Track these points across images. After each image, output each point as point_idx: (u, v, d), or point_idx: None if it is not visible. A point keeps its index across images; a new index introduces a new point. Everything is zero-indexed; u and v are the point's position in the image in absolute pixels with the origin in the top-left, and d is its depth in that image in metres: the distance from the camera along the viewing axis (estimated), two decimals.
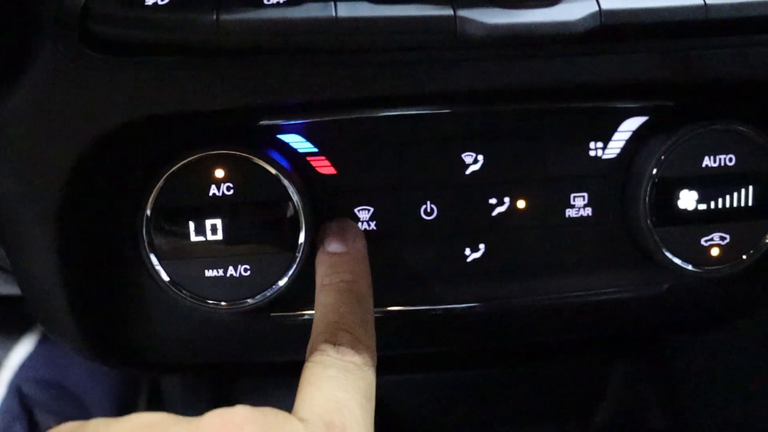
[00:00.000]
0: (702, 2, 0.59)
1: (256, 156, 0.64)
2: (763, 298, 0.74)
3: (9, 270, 0.71)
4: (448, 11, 0.57)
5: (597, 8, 0.58)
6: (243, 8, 0.57)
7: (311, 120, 0.66)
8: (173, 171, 0.64)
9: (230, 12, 0.57)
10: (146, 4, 0.57)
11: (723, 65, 0.62)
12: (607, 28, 0.58)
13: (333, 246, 0.64)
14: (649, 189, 0.68)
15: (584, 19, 0.58)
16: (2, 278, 0.83)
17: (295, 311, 0.69)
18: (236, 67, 0.58)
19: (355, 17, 0.57)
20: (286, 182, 0.64)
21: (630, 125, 0.69)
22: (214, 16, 0.57)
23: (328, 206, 0.68)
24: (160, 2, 0.57)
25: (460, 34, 0.57)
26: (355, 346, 0.55)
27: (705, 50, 0.62)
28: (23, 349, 1.20)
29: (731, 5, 0.59)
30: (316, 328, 0.57)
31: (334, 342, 0.55)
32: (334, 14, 0.56)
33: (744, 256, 0.69)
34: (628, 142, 0.69)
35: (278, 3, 0.57)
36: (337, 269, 0.62)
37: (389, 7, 0.57)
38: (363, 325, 0.58)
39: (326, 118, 0.66)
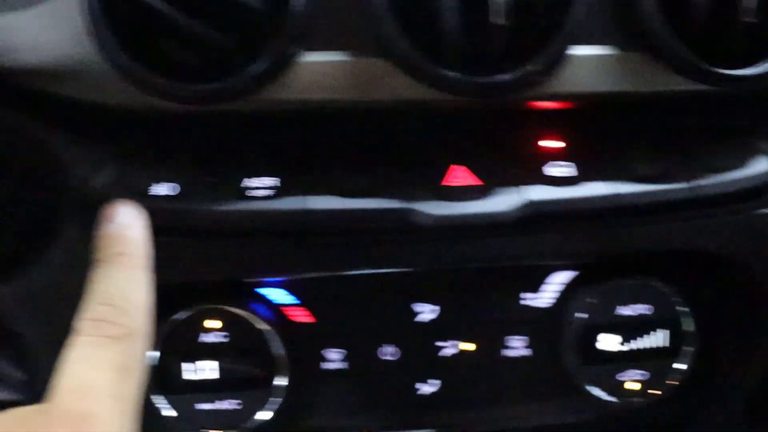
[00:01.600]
0: (612, 192, 0.72)
1: (243, 310, 0.77)
2: (675, 424, 0.87)
3: None
4: (401, 204, 0.70)
5: (525, 199, 0.71)
6: (237, 201, 0.70)
7: (293, 277, 0.79)
8: (175, 321, 0.77)
9: (223, 203, 0.69)
10: (150, 194, 0.70)
11: (631, 240, 0.75)
12: (534, 216, 0.71)
13: (105, 224, 0.62)
14: (575, 333, 0.80)
15: (514, 209, 0.71)
16: None
17: None
18: (226, 246, 0.71)
19: (324, 209, 0.70)
20: (266, 332, 0.77)
21: (561, 278, 0.82)
22: (212, 207, 0.69)
23: (307, 349, 0.80)
24: (164, 192, 0.70)
25: (411, 223, 0.70)
26: (115, 318, 0.53)
27: (616, 230, 0.75)
28: None
29: (638, 194, 0.72)
30: (82, 306, 0.55)
31: (92, 318, 0.53)
32: (305, 206, 0.69)
33: (657, 391, 0.82)
34: (561, 292, 0.82)
35: (261, 196, 0.70)
36: (105, 242, 0.60)
37: (354, 200, 0.70)
38: (128, 295, 0.56)
39: (306, 276, 0.79)
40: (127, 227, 0.61)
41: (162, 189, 0.69)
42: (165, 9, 0.61)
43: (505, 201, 0.71)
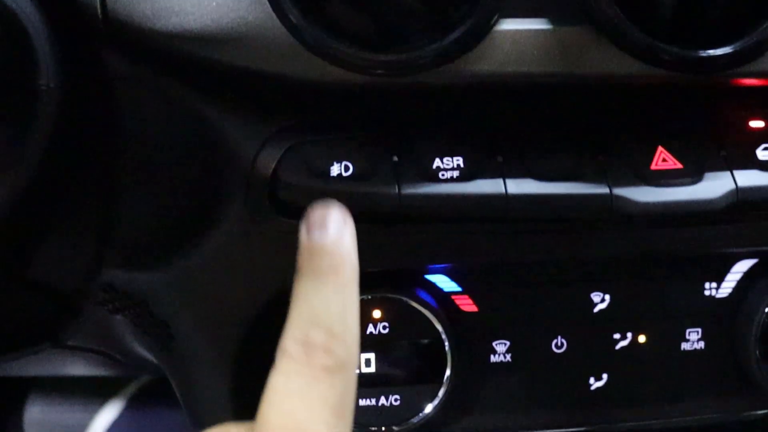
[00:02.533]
0: None
1: (408, 297, 0.71)
2: None
3: (97, 351, 0.77)
4: (605, 189, 0.63)
5: (734, 186, 0.64)
6: (422, 182, 0.63)
7: (456, 262, 0.72)
8: None
9: (411, 186, 0.63)
10: (331, 175, 0.63)
11: None
12: (743, 204, 0.65)
13: (315, 231, 0.54)
14: (758, 326, 0.74)
15: (723, 197, 0.65)
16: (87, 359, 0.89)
17: None
18: (413, 232, 0.65)
19: (523, 194, 0.63)
20: (434, 321, 0.71)
21: (741, 267, 0.76)
22: (396, 189, 0.63)
23: (470, 340, 0.74)
24: (344, 173, 0.63)
25: (615, 211, 0.63)
26: (329, 345, 0.48)
27: None
28: (108, 414, 1.25)
29: None
30: (287, 325, 0.50)
31: (304, 341, 0.48)
32: (504, 191, 0.63)
33: None
34: (739, 282, 0.76)
35: (452, 178, 0.63)
36: (317, 254, 0.52)
37: (553, 185, 0.64)
38: (341, 319, 0.49)
39: (471, 262, 0.72)
40: (341, 237, 0.53)
41: (342, 169, 0.62)
42: None
43: (713, 187, 0.65)
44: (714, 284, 0.76)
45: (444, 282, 0.73)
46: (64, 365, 0.90)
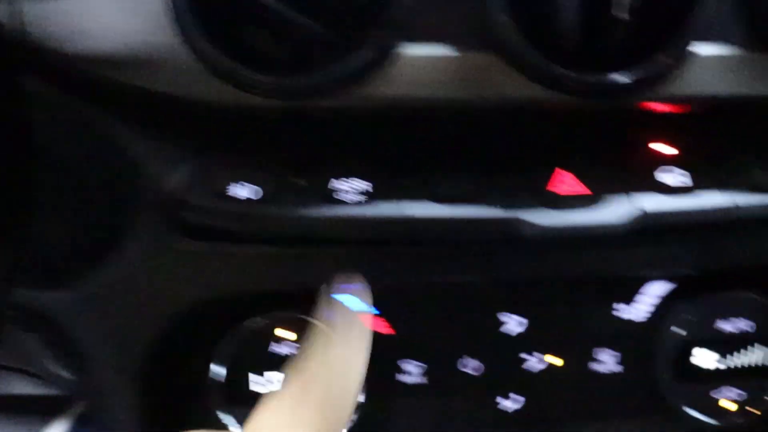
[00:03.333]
0: (732, 204, 0.66)
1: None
2: None
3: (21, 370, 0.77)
4: (506, 213, 0.64)
5: (638, 210, 0.65)
6: (325, 205, 0.63)
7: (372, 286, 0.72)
8: (240, 331, 0.71)
9: (315, 208, 0.63)
10: (236, 197, 0.64)
11: (744, 253, 0.69)
12: (647, 228, 0.65)
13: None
14: (671, 349, 0.75)
15: (626, 221, 0.65)
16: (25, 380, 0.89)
17: None
18: (314, 254, 0.65)
19: (423, 217, 0.64)
20: None
21: (657, 290, 0.76)
22: (298, 213, 0.63)
23: (383, 361, 0.74)
24: (250, 196, 0.64)
25: (516, 234, 0.64)
26: (328, 400, 0.54)
27: (730, 242, 0.69)
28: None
29: (757, 206, 0.66)
30: (299, 365, 0.56)
31: (304, 383, 0.54)
32: (406, 214, 0.63)
33: (759, 412, 0.76)
34: (656, 306, 0.76)
35: (356, 201, 0.64)
36: (349, 323, 0.60)
37: (455, 207, 0.64)
38: (349, 387, 0.57)
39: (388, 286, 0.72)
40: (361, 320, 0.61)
41: (242, 191, 0.62)
42: None
43: (616, 211, 0.65)
44: (629, 307, 0.76)
45: (357, 304, 0.73)
46: (5, 384, 0.91)
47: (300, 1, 0.56)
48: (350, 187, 0.64)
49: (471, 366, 0.75)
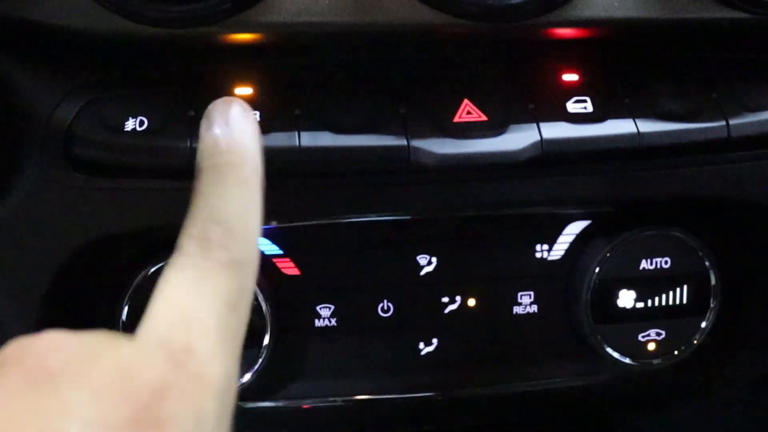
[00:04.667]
0: (636, 131, 0.64)
1: None
2: (693, 389, 0.80)
3: None
4: (402, 141, 0.62)
5: (539, 138, 0.63)
6: None
7: (277, 225, 0.70)
8: (146, 276, 0.69)
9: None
10: (125, 130, 0.62)
11: (654, 186, 0.68)
12: (548, 156, 0.63)
13: (216, 126, 0.51)
14: (590, 289, 0.73)
15: (526, 148, 0.63)
16: None
17: (264, 401, 0.73)
18: None
19: (316, 146, 0.62)
20: None
21: (573, 229, 0.74)
22: (188, 143, 0.61)
23: (292, 304, 0.72)
24: (138, 128, 0.62)
25: (413, 162, 0.62)
26: (226, 241, 0.45)
27: (638, 173, 0.67)
28: None
29: (661, 133, 0.65)
30: (186, 223, 0.47)
31: (201, 237, 0.45)
32: (297, 143, 0.61)
33: (676, 351, 0.75)
34: (572, 244, 0.74)
35: None
36: (218, 149, 0.50)
37: (348, 137, 0.62)
38: (241, 215, 0.47)
39: (291, 224, 0.70)
40: (242, 133, 0.50)
41: (137, 124, 0.60)
42: None
43: (516, 139, 0.63)
44: (546, 246, 0.75)
45: (265, 244, 0.71)
46: None
47: None
48: None
49: (382, 306, 0.73)
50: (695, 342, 0.76)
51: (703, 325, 0.76)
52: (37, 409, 0.34)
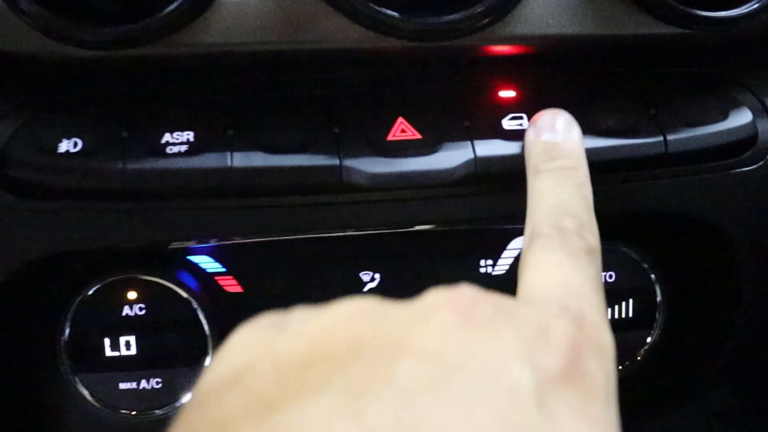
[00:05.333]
0: None
1: (165, 279, 0.69)
2: (637, 403, 0.80)
3: None
4: (335, 161, 0.62)
5: (473, 156, 0.63)
6: (147, 157, 0.62)
7: (219, 243, 0.70)
8: (89, 293, 0.69)
9: (137, 161, 0.61)
10: (59, 152, 0.62)
11: (596, 201, 0.67)
12: (483, 174, 0.63)
13: (546, 133, 0.59)
14: None
15: (460, 167, 0.63)
16: None
17: None
18: (141, 209, 0.63)
19: (248, 167, 0.62)
20: (194, 303, 0.69)
21: (517, 244, 0.74)
22: (122, 164, 0.61)
23: (235, 322, 0.72)
24: (72, 150, 0.62)
25: (345, 182, 0.62)
26: (581, 231, 0.50)
27: None
28: None
29: (600, 149, 0.65)
30: (536, 216, 0.52)
31: (559, 226, 0.50)
32: (229, 164, 0.61)
33: (620, 366, 0.75)
34: (516, 259, 0.74)
35: (179, 152, 0.62)
36: (554, 155, 0.57)
37: (282, 157, 0.62)
38: (586, 210, 0.53)
39: (233, 241, 0.70)
40: (575, 141, 0.58)
41: (70, 146, 0.60)
42: None
43: (450, 157, 0.63)
44: (490, 261, 0.74)
45: (207, 263, 0.71)
46: None
47: None
48: (176, 139, 0.61)
49: None
50: (639, 357, 0.75)
51: (649, 339, 0.75)
52: (484, 344, 0.36)
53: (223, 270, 0.72)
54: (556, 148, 0.57)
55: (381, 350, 0.35)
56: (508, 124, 0.65)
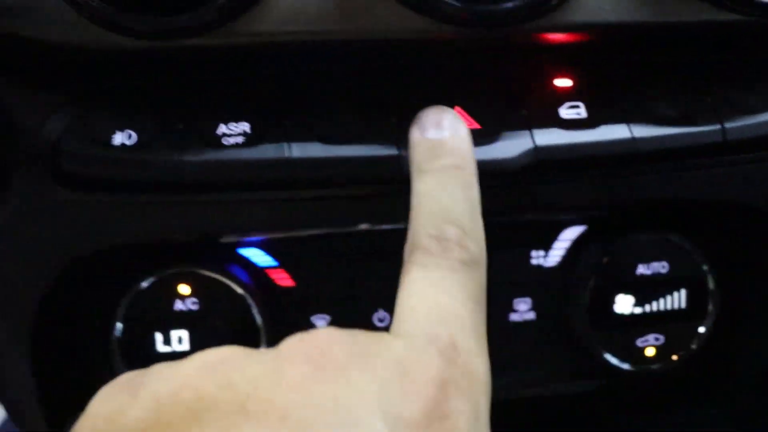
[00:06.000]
0: (630, 136, 0.63)
1: (217, 273, 0.69)
2: (692, 394, 0.79)
3: None
4: (393, 151, 0.61)
5: (532, 145, 0.62)
6: (203, 149, 0.61)
7: (270, 236, 0.70)
8: (141, 287, 0.68)
9: (192, 152, 0.61)
10: (114, 144, 0.61)
11: (650, 190, 0.67)
12: (542, 163, 0.63)
13: (432, 131, 0.55)
14: (588, 295, 0.72)
15: (520, 156, 0.62)
16: None
17: None
18: (198, 202, 0.63)
19: (307, 158, 0.61)
20: (248, 299, 0.69)
21: (569, 234, 0.74)
22: (177, 157, 0.61)
23: (288, 316, 0.72)
24: (126, 142, 0.61)
25: (404, 173, 0.61)
26: (462, 240, 0.47)
27: (633, 177, 0.66)
28: None
29: (656, 137, 0.64)
30: (416, 222, 0.49)
31: (438, 237, 0.47)
32: (287, 155, 0.61)
33: (675, 356, 0.74)
34: (568, 250, 0.73)
35: (236, 144, 0.61)
36: (438, 153, 0.53)
37: (340, 148, 0.61)
38: (471, 216, 0.50)
39: (284, 235, 0.70)
40: (461, 138, 0.54)
41: (125, 138, 0.59)
42: None
43: (509, 147, 0.62)
44: (542, 252, 0.74)
45: (258, 256, 0.71)
46: None
47: None
48: (231, 130, 0.61)
49: (378, 316, 0.72)
50: (693, 347, 0.75)
51: (702, 329, 0.74)
52: (334, 396, 0.35)
53: (275, 263, 0.71)
54: (441, 146, 0.53)
55: (222, 415, 0.35)
56: (565, 112, 0.64)
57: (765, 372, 0.78)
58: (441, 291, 0.44)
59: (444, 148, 0.53)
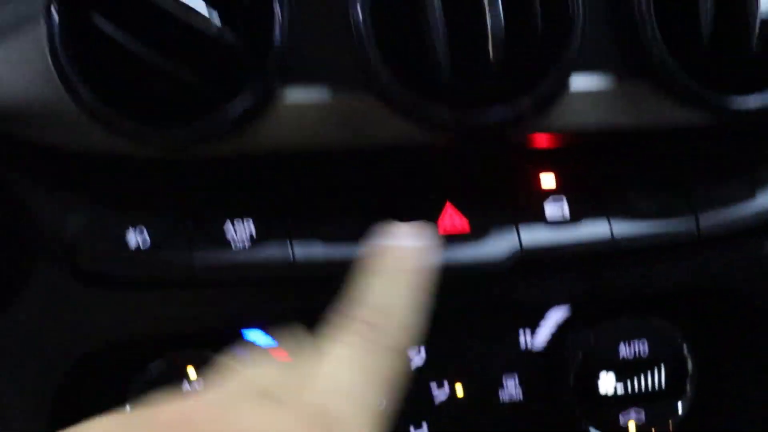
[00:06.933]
0: (610, 236, 0.68)
1: (224, 355, 0.72)
2: None
3: None
4: None
5: (518, 247, 0.67)
6: (213, 250, 0.65)
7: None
8: (150, 372, 0.72)
9: (202, 253, 0.65)
10: (129, 244, 0.65)
11: (631, 281, 0.71)
12: (528, 263, 0.67)
13: (391, 239, 0.57)
14: (573, 374, 0.76)
15: (507, 259, 0.67)
16: None
17: None
18: (208, 299, 0.67)
19: (309, 260, 0.65)
20: None
21: (554, 318, 0.78)
22: (188, 257, 0.65)
23: None
24: (140, 243, 0.65)
25: None
26: (392, 330, 0.50)
27: (614, 271, 0.70)
28: None
29: (635, 237, 0.68)
30: (350, 305, 0.51)
31: (368, 321, 0.50)
32: (291, 257, 0.65)
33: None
34: (554, 333, 0.78)
35: (243, 245, 0.65)
36: (390, 257, 0.55)
37: (340, 247, 0.65)
38: (406, 313, 0.52)
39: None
40: (414, 251, 0.56)
41: (139, 238, 0.64)
42: (134, 46, 0.57)
43: (496, 248, 0.67)
44: (528, 334, 0.78)
45: (260, 337, 0.75)
46: None
47: (178, 51, 0.58)
48: (240, 231, 0.65)
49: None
50: (673, 423, 0.79)
51: (680, 408, 0.79)
52: None
53: (276, 344, 0.75)
54: (397, 254, 0.55)
55: None
56: (549, 209, 0.68)
57: None
58: (351, 369, 0.47)
59: (397, 255, 0.55)
